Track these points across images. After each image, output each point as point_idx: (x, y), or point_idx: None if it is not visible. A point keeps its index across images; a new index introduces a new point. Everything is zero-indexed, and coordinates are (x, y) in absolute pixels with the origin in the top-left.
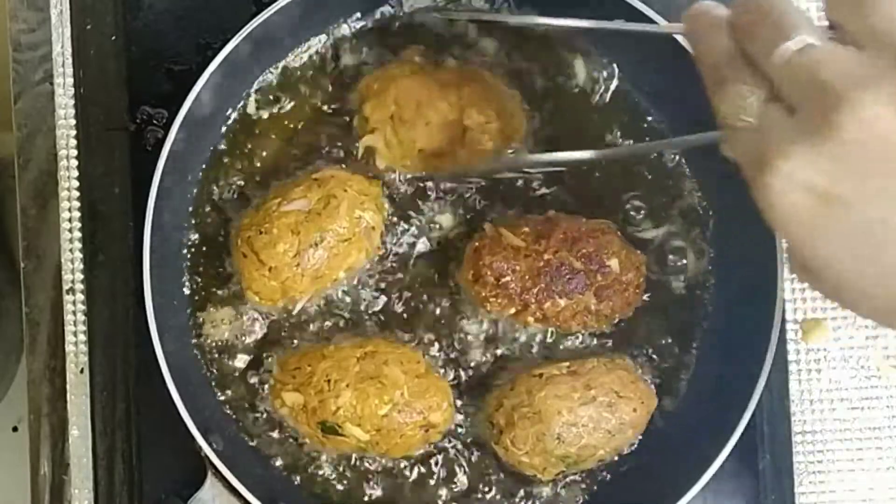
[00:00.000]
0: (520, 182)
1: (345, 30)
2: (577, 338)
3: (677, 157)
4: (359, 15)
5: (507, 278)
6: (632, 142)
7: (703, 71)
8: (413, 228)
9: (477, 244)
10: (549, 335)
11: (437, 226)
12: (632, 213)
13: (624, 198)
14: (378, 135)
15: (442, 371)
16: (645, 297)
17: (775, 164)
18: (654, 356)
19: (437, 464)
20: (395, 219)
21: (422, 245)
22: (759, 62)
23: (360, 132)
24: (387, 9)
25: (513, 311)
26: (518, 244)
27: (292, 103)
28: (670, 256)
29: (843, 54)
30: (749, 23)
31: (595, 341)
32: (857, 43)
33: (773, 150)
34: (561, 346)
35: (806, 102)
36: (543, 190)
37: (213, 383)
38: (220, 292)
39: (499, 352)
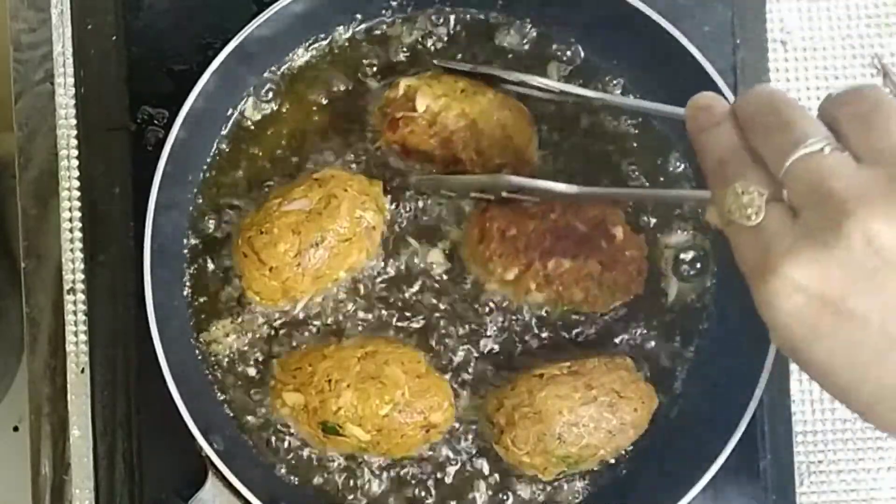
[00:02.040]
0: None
1: (345, 31)
2: (579, 329)
3: (678, 159)
4: (359, 17)
5: (513, 232)
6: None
7: (707, 165)
8: (415, 229)
9: (485, 205)
10: (550, 334)
11: (440, 226)
12: (632, 212)
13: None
14: (420, 77)
15: (442, 371)
16: (645, 296)
17: (780, 266)
18: (655, 356)
19: (437, 463)
20: (395, 219)
21: (423, 244)
22: (769, 161)
23: (393, 87)
24: (387, 12)
25: (516, 271)
26: (525, 206)
27: (293, 103)
28: (671, 256)
29: (851, 165)
30: (761, 121)
31: (595, 337)
32: (857, 155)
33: (779, 253)
34: (562, 341)
35: (813, 207)
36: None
37: (214, 383)
38: (220, 293)
39: (500, 351)
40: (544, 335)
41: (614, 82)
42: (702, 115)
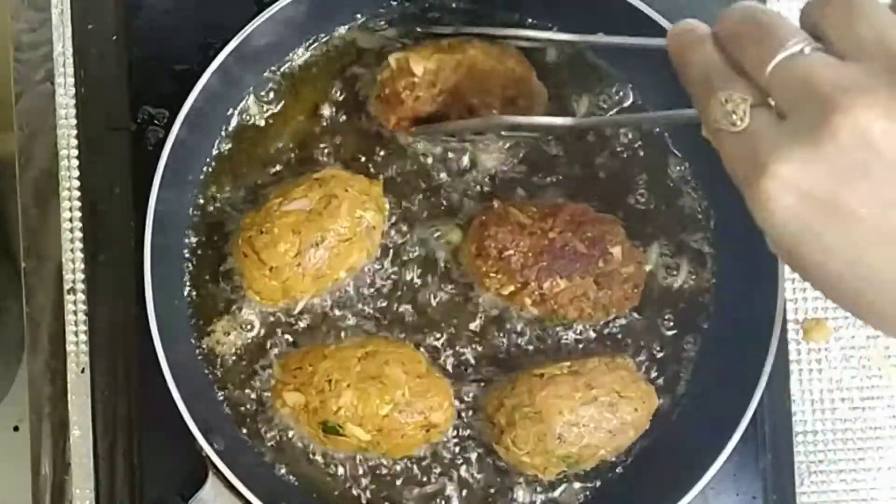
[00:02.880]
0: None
1: (346, 30)
2: (579, 332)
3: (678, 159)
4: (359, 17)
5: (510, 252)
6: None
7: (692, 84)
8: (415, 229)
9: (484, 218)
10: (550, 334)
11: (440, 230)
12: (633, 212)
13: (625, 197)
14: (405, 49)
15: (442, 371)
16: (647, 298)
17: (771, 166)
18: (655, 356)
19: (437, 464)
20: (396, 219)
21: (424, 245)
22: (751, 70)
23: (384, 67)
24: (387, 11)
25: (512, 288)
26: (524, 221)
27: (293, 103)
28: (671, 256)
29: (834, 62)
30: (741, 33)
31: (595, 338)
32: (841, 53)
33: (768, 153)
34: (562, 341)
35: (799, 107)
36: (549, 180)
37: (214, 383)
38: (220, 292)
39: (500, 351)
40: (545, 335)
41: (614, 82)
42: (683, 37)
